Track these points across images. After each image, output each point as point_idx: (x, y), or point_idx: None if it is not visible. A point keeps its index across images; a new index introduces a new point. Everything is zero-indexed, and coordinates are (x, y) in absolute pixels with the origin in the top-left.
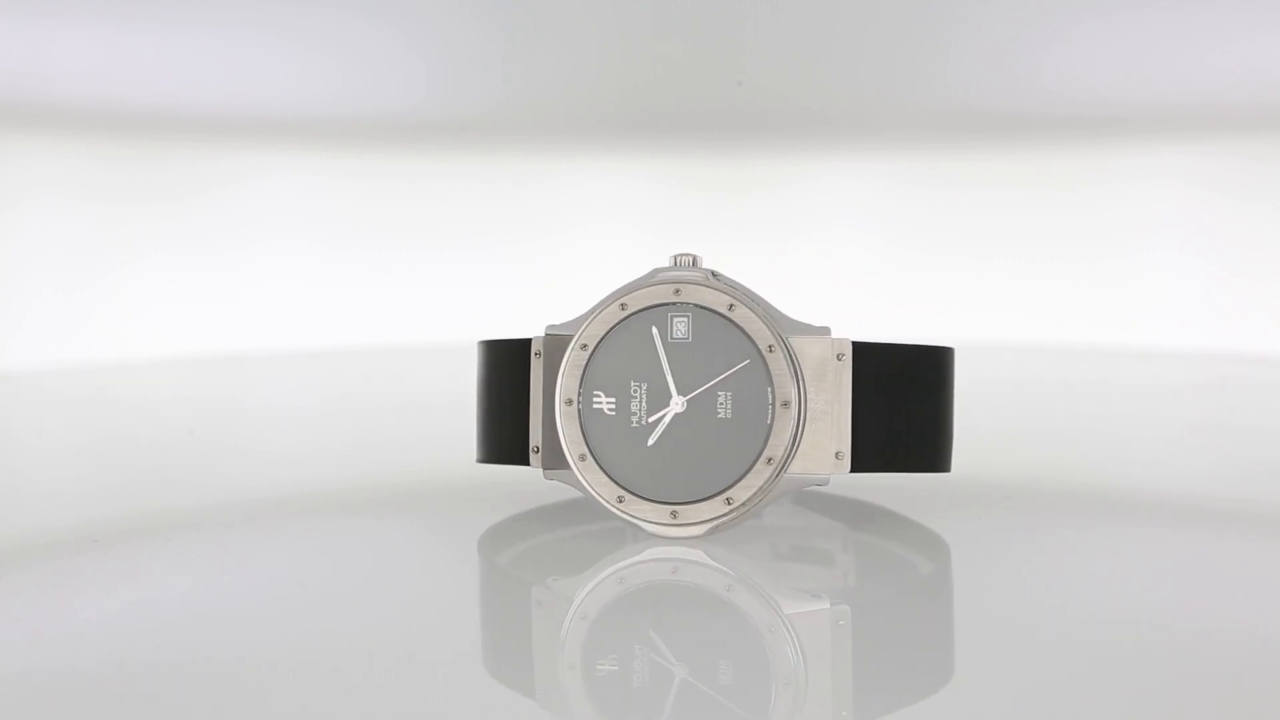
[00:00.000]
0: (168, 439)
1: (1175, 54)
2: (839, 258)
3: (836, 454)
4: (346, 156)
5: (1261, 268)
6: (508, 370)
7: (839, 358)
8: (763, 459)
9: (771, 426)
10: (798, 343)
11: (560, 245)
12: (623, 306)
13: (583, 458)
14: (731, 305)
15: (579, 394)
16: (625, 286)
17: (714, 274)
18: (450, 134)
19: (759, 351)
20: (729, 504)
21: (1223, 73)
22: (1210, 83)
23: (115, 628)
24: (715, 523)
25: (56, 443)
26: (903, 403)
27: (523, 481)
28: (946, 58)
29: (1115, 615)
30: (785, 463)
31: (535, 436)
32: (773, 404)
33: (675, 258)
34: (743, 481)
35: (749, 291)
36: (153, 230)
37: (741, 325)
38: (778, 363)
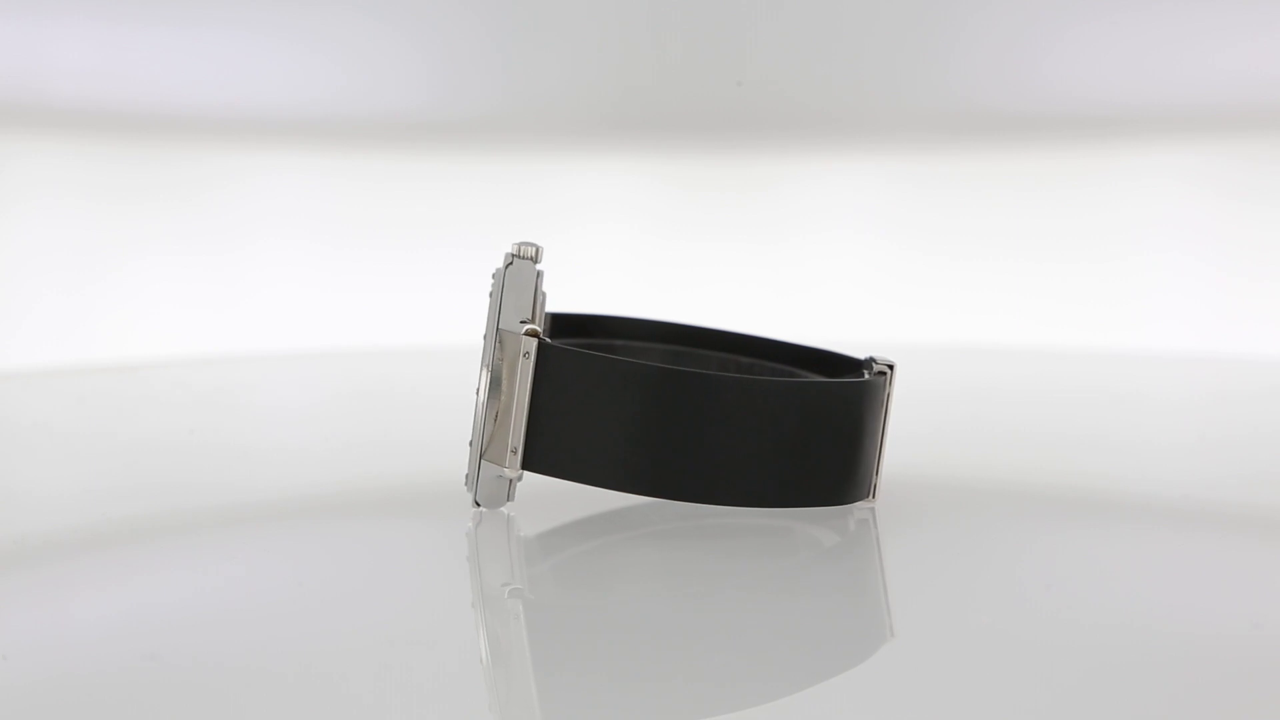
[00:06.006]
0: (167, 439)
1: (1176, 54)
2: (839, 257)
3: (513, 449)
4: (346, 156)
5: (1261, 268)
6: None
7: (524, 355)
8: (470, 442)
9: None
10: (508, 337)
11: (560, 245)
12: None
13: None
14: (492, 292)
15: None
16: None
17: (510, 262)
18: (450, 134)
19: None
20: (466, 481)
21: (1223, 73)
22: (1210, 83)
23: (115, 629)
24: (472, 496)
25: (56, 443)
26: (593, 412)
27: (524, 482)
28: (948, 58)
29: (1109, 619)
30: (482, 448)
31: None
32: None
33: (517, 245)
34: (469, 461)
35: (523, 283)
36: (153, 230)
37: (489, 312)
38: (485, 352)
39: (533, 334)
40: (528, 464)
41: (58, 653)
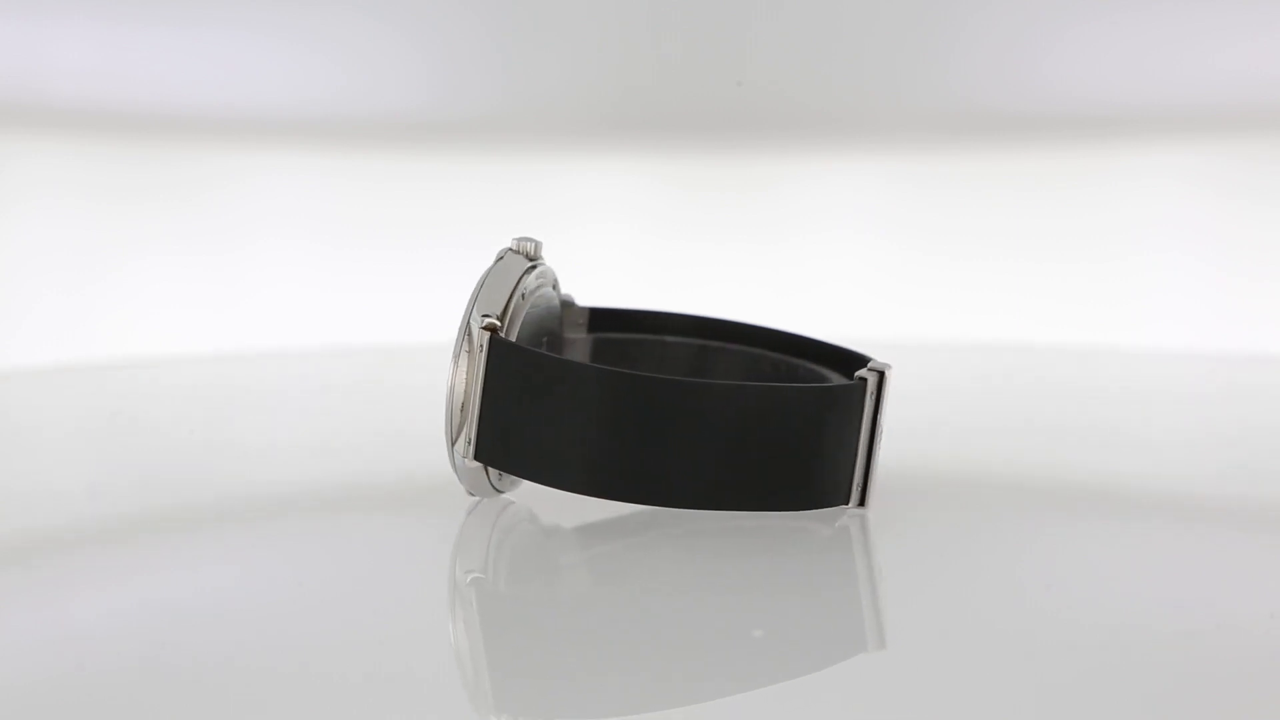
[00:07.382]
0: (167, 438)
1: (1176, 54)
2: (839, 257)
3: (468, 440)
4: (346, 156)
5: (1261, 268)
6: None
7: (480, 348)
8: (445, 433)
9: None
10: (473, 330)
11: (560, 245)
12: None
13: None
14: (476, 285)
15: None
16: None
17: (501, 256)
18: (450, 134)
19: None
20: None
21: (1223, 73)
22: (1210, 83)
23: (115, 628)
24: (463, 485)
25: (56, 442)
26: (540, 410)
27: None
28: (948, 58)
29: (1109, 618)
30: (452, 438)
31: None
32: None
33: (516, 241)
34: (447, 450)
35: (504, 279)
36: (153, 230)
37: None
38: (456, 344)
39: (490, 328)
40: (482, 457)
41: (58, 652)
